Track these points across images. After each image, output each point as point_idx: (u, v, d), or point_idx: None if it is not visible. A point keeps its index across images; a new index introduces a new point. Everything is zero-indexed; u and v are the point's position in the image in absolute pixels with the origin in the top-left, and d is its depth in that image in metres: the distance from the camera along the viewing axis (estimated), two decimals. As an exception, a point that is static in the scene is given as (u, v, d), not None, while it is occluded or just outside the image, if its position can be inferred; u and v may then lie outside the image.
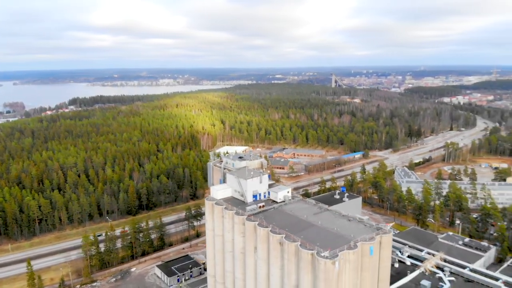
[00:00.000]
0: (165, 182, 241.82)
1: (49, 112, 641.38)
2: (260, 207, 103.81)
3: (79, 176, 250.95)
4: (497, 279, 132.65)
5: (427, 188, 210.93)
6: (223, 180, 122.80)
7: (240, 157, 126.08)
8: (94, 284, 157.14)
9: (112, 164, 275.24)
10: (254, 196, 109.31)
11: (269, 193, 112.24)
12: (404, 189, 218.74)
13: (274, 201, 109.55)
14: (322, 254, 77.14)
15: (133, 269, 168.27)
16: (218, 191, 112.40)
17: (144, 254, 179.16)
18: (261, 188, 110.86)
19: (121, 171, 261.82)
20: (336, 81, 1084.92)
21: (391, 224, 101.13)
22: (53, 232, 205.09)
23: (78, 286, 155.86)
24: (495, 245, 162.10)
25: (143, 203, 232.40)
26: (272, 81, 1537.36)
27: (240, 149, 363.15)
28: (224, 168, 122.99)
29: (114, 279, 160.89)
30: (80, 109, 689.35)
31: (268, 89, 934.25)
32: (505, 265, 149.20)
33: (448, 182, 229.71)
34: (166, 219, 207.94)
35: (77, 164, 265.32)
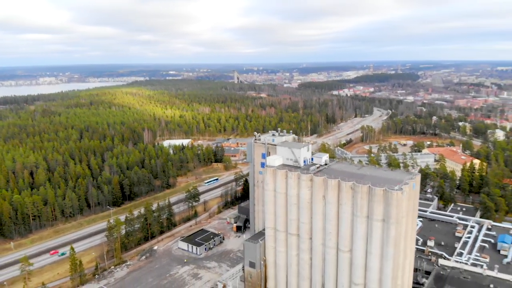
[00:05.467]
0: (143, 173, 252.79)
1: None
2: (317, 167, 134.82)
3: (46, 174, 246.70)
4: (451, 216, 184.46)
5: (372, 159, 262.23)
6: (266, 154, 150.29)
7: (273, 134, 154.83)
8: (128, 263, 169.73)
9: (74, 161, 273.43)
10: (304, 161, 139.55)
11: (312, 159, 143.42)
12: (355, 162, 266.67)
13: (318, 164, 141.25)
14: (395, 188, 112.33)
15: (155, 247, 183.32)
16: (274, 160, 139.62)
17: (159, 233, 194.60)
18: (308, 155, 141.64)
19: (86, 167, 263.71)
20: (238, 78, 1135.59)
21: (417, 169, 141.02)
22: (47, 228, 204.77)
23: (112, 266, 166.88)
24: (436, 196, 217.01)
25: (126, 193, 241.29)
26: (167, 78, 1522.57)
27: (183, 142, 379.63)
28: (268, 144, 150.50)
29: (144, 257, 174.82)
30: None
31: (177, 85, 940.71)
32: (449, 209, 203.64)
33: (384, 154, 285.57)
34: (162, 204, 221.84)
35: (38, 163, 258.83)
